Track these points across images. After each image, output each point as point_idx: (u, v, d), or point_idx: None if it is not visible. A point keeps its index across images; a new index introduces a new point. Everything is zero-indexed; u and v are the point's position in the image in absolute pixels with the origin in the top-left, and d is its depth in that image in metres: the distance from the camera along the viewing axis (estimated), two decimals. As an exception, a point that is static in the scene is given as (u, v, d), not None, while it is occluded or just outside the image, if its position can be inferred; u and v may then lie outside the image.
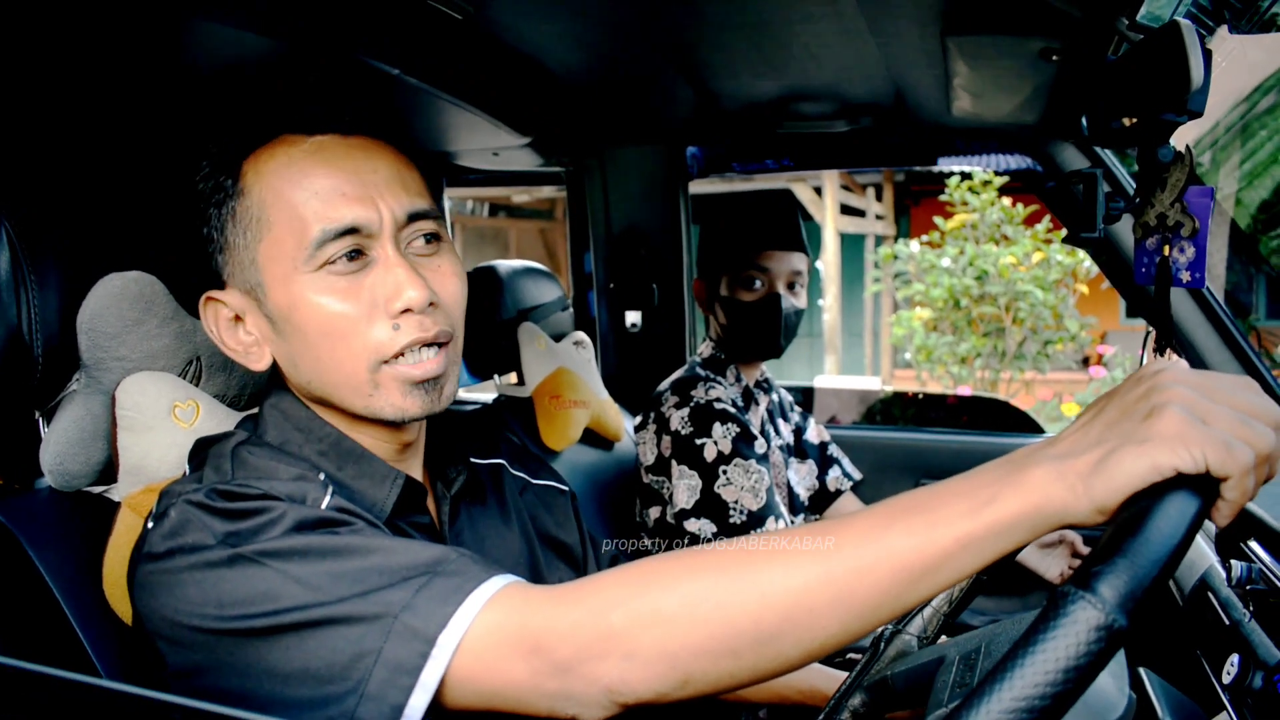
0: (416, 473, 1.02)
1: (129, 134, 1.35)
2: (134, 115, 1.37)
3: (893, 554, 0.64)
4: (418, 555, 0.77)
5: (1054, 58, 1.40)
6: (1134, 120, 1.22)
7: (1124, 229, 1.87)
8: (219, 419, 1.11)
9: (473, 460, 1.12)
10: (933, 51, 1.46)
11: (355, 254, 0.88)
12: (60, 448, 1.03)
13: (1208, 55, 1.09)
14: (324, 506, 0.83)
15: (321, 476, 0.89)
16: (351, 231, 0.87)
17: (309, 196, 0.87)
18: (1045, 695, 0.50)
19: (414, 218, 0.91)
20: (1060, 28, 1.30)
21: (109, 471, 1.07)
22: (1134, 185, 1.29)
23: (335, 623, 0.73)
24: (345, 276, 0.88)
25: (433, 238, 0.93)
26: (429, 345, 0.90)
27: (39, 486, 1.08)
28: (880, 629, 1.01)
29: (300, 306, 0.88)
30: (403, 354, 0.89)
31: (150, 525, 0.83)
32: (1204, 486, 0.57)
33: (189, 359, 1.10)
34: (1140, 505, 0.56)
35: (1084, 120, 1.33)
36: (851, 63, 1.61)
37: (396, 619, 0.72)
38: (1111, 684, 0.76)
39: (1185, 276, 1.20)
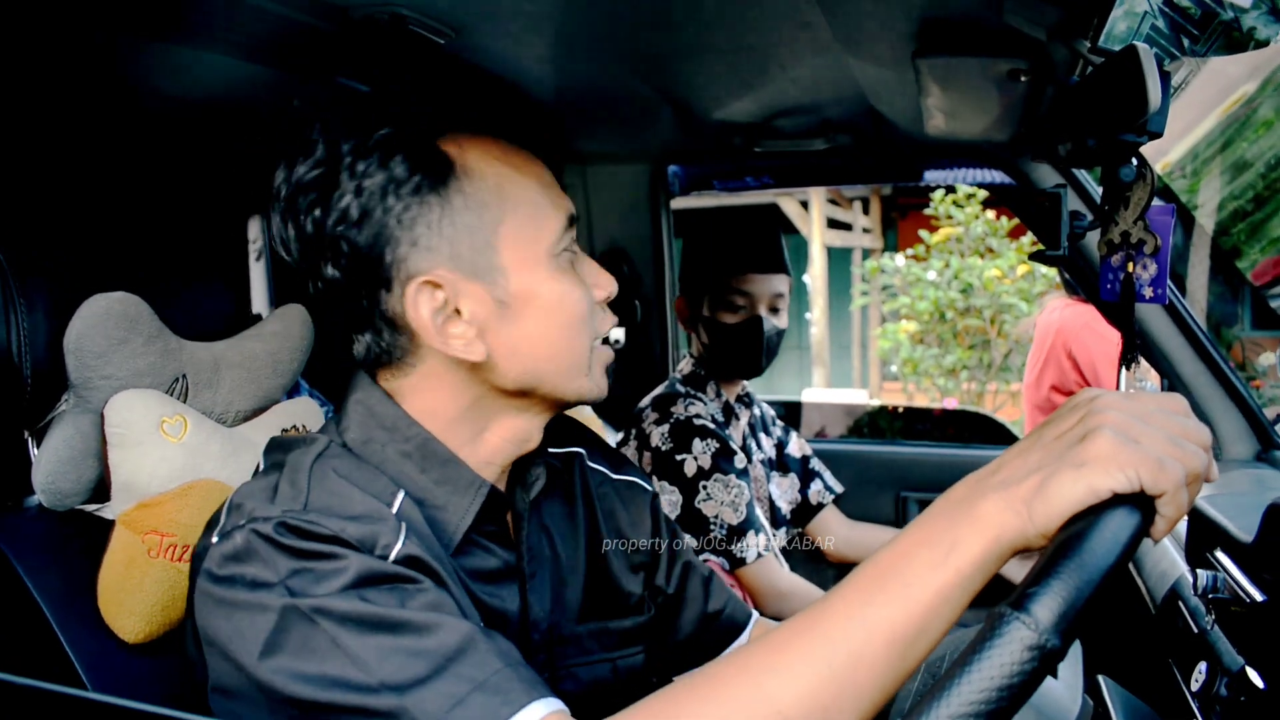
0: (500, 478, 1.01)
1: (115, 157, 1.37)
2: (119, 139, 1.39)
3: (880, 628, 0.64)
4: (466, 640, 0.75)
5: (1021, 79, 1.43)
6: (1096, 140, 1.26)
7: (1093, 245, 1.91)
8: (207, 433, 1.13)
9: (550, 450, 1.08)
10: (905, 72, 1.49)
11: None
12: (52, 467, 1.05)
13: (1165, 78, 1.12)
14: (394, 554, 0.80)
15: (395, 509, 0.86)
16: (575, 221, 0.95)
17: (537, 187, 0.93)
18: (980, 713, 0.52)
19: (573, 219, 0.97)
20: (1026, 50, 1.33)
21: (101, 490, 1.09)
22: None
23: (368, 714, 0.71)
24: (572, 265, 0.95)
25: None
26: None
27: (28, 505, 1.09)
28: None
29: (543, 291, 0.92)
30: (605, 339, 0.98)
31: (215, 540, 0.81)
32: (1140, 505, 0.59)
33: (174, 377, 1.12)
34: (1076, 528, 0.58)
35: (1052, 139, 1.36)
36: (827, 83, 1.64)
37: None
38: (1065, 691, 0.78)
39: (1148, 292, 1.23)
